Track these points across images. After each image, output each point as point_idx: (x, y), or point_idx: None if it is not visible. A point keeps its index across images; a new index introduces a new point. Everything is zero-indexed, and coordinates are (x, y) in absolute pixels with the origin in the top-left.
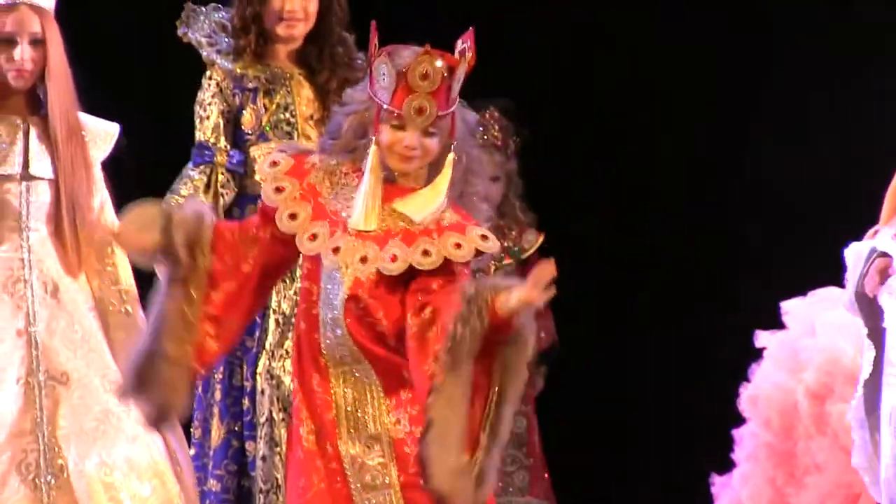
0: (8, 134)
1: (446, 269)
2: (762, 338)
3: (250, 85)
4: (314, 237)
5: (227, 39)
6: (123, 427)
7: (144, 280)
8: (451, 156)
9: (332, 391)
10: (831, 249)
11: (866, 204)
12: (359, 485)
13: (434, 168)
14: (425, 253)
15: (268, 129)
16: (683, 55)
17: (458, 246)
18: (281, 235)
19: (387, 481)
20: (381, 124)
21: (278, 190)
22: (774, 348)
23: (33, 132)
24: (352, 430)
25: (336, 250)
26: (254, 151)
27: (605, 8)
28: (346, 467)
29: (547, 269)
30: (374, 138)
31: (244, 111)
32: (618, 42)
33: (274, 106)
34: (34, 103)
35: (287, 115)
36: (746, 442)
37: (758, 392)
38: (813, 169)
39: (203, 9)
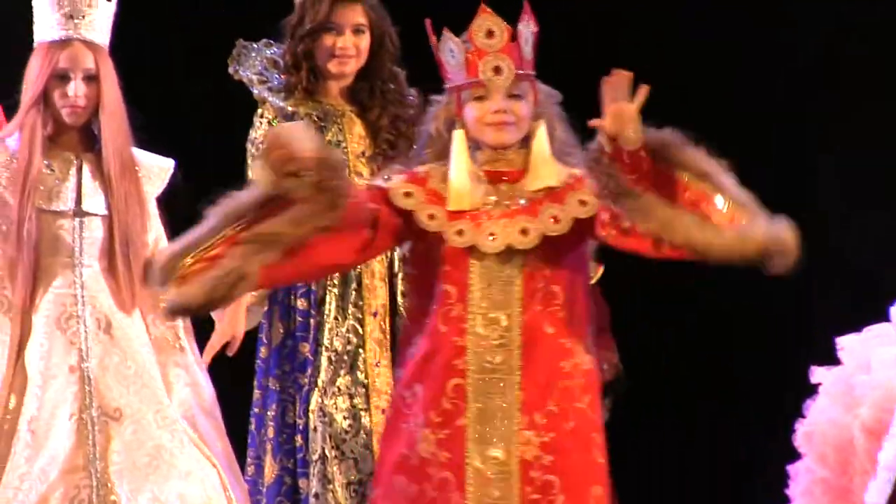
0: (61, 170)
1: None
2: (818, 374)
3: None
4: (461, 232)
5: (278, 76)
6: (176, 463)
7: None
8: (541, 124)
9: (467, 398)
10: (887, 285)
11: None
12: (477, 500)
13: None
14: (582, 203)
15: None
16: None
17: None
18: (395, 238)
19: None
20: (465, 105)
21: (407, 195)
22: (830, 384)
23: (87, 168)
24: (480, 443)
25: (493, 235)
26: None
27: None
28: (467, 480)
29: (617, 79)
30: (457, 123)
31: None
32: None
33: (325, 143)
34: (88, 139)
35: (338, 152)
36: (802, 478)
37: (813, 428)
38: (871, 205)
39: (255, 45)
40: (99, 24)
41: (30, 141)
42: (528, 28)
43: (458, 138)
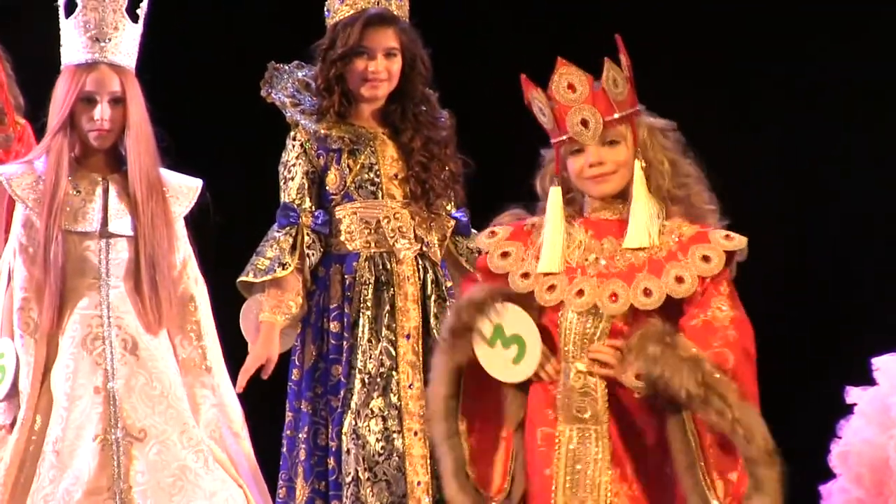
0: (88, 191)
1: (705, 293)
2: (853, 394)
3: (334, 145)
4: (552, 288)
5: (310, 98)
6: (202, 483)
7: (227, 335)
8: (637, 164)
9: (556, 447)
10: None
11: None
12: None
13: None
14: (679, 280)
15: (352, 189)
16: None
17: (707, 259)
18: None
19: None
20: (566, 160)
21: (504, 255)
22: (865, 404)
23: (113, 189)
24: (568, 493)
25: (580, 293)
26: (338, 212)
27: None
28: None
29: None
30: (556, 180)
31: (329, 171)
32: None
33: (358, 166)
34: (115, 161)
35: (371, 174)
36: (836, 497)
37: (848, 448)
38: None
39: (286, 67)
40: (125, 46)
41: (56, 163)
42: (613, 70)
43: (553, 197)
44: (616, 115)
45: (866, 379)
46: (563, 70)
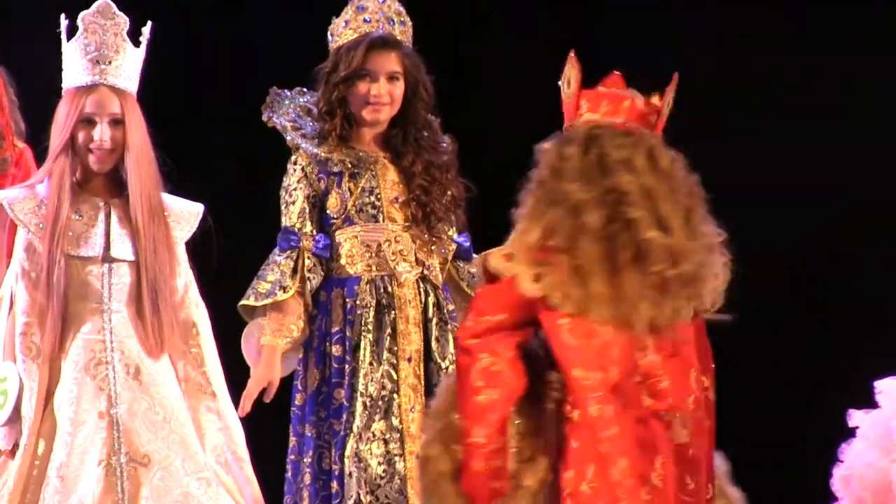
0: (90, 216)
1: None
2: (856, 417)
3: (335, 169)
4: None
5: (311, 123)
6: None
7: (228, 359)
8: None
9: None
10: None
11: None
12: None
13: None
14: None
15: (353, 212)
16: None
17: None
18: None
19: None
20: None
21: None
22: (867, 427)
23: (115, 214)
24: None
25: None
26: (339, 236)
27: None
28: None
29: None
30: None
31: (329, 195)
32: None
33: (359, 190)
34: (117, 185)
35: (372, 198)
36: None
37: (851, 472)
38: None
39: (288, 93)
40: (126, 70)
41: (58, 187)
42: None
43: None
44: None
45: (869, 402)
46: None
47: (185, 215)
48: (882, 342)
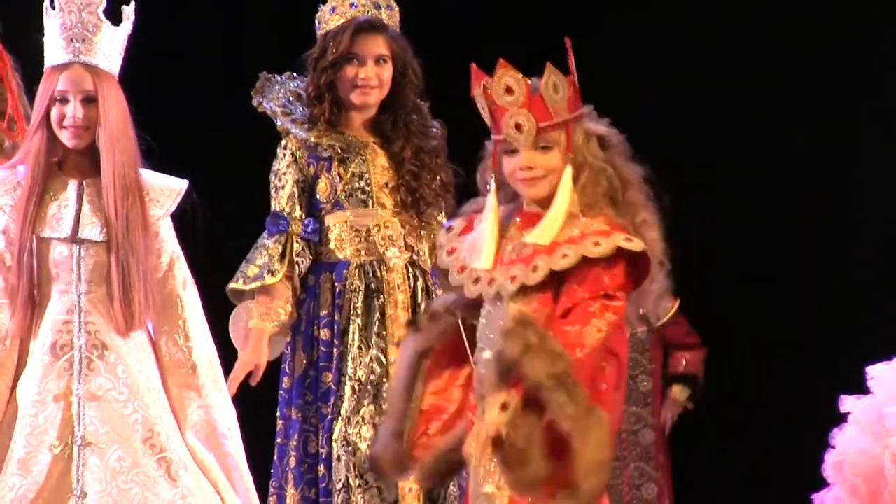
0: (64, 196)
1: (590, 276)
2: (847, 403)
3: (325, 154)
4: (477, 280)
5: (301, 108)
6: (160, 492)
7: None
8: (567, 169)
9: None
10: None
11: None
12: None
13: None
14: (564, 256)
15: (343, 197)
16: None
17: (596, 244)
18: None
19: None
20: (500, 158)
21: (450, 252)
22: (859, 413)
23: (88, 194)
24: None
25: (491, 282)
26: (329, 220)
27: None
28: None
29: None
30: (492, 178)
31: (319, 180)
32: None
33: (349, 174)
34: (94, 165)
35: (362, 183)
36: None
37: (843, 458)
38: None
39: (278, 78)
40: (104, 48)
41: (34, 168)
42: (553, 75)
43: (491, 196)
44: (551, 122)
45: (861, 388)
46: (502, 72)
47: (166, 192)
48: (873, 328)
